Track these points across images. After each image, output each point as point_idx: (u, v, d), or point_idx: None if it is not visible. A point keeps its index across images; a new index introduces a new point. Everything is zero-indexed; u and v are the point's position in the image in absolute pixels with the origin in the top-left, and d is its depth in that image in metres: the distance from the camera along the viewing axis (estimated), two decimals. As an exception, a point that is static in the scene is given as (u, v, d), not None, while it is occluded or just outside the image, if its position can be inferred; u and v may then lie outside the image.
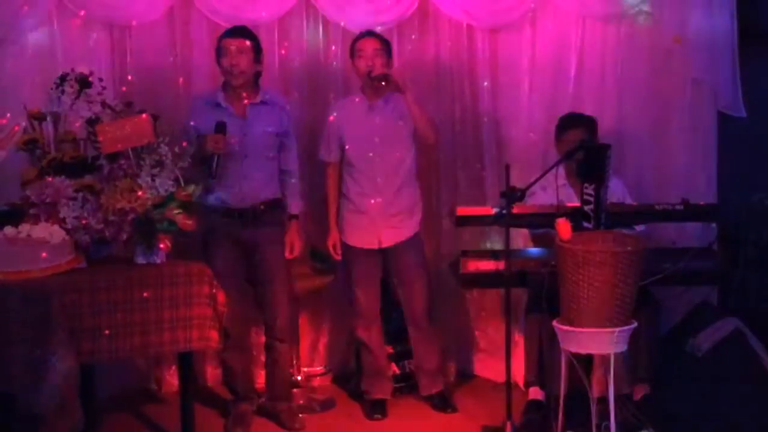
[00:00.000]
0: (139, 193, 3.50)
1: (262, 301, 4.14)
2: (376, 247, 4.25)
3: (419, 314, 4.32)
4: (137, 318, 3.46)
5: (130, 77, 4.39)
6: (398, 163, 4.24)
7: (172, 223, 3.58)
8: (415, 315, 4.33)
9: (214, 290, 3.63)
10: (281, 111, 4.13)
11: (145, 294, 3.47)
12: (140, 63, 4.47)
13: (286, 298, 4.16)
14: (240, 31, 4.02)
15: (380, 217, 4.22)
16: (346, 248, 4.29)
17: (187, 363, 3.77)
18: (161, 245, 3.57)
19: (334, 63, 4.61)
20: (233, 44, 3.96)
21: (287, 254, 4.14)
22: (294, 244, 4.15)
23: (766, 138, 4.73)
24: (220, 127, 3.88)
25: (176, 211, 3.55)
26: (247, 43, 3.98)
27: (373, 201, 4.21)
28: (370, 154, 4.21)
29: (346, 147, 4.24)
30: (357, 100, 4.27)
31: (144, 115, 3.67)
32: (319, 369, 4.75)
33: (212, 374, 4.67)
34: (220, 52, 4.02)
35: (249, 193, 4.02)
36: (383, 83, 4.10)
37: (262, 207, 4.04)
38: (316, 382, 4.70)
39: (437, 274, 4.71)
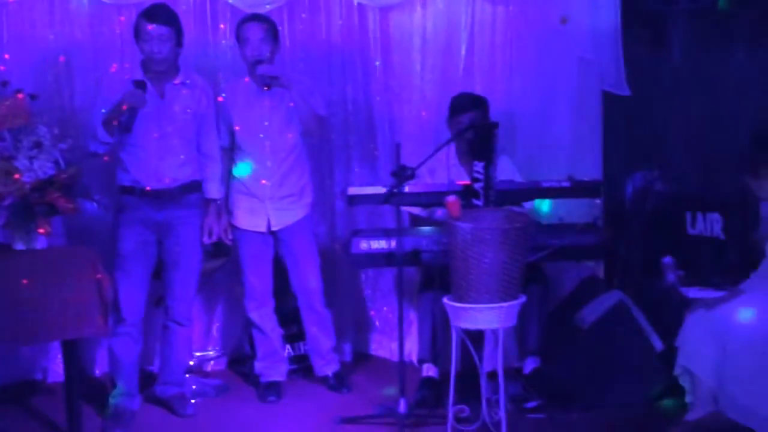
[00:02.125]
0: (16, 176, 3.37)
1: (167, 282, 4.06)
2: (265, 229, 4.21)
3: (311, 296, 4.30)
4: (18, 306, 3.34)
5: (6, 56, 4.19)
6: (288, 145, 4.19)
7: (52, 207, 3.46)
8: (307, 297, 4.31)
9: (99, 276, 3.54)
10: (201, 93, 4.03)
11: (24, 281, 3.35)
12: (17, 40, 4.28)
13: (193, 283, 4.10)
14: (162, 17, 3.86)
15: (270, 199, 4.18)
16: (236, 231, 4.23)
17: (72, 352, 3.66)
18: (41, 230, 3.44)
19: (223, 42, 4.53)
20: (155, 32, 3.83)
21: (205, 238, 4.08)
22: (212, 228, 4.10)
23: (649, 116, 4.87)
24: (139, 84, 3.78)
25: (56, 195, 3.43)
26: (171, 30, 3.85)
27: (262, 183, 4.16)
28: (261, 136, 4.15)
29: (236, 128, 4.17)
30: (246, 80, 4.20)
31: (20, 95, 3.52)
32: (212, 353, 4.68)
33: (100, 363, 4.54)
34: (140, 34, 3.87)
35: (165, 173, 3.92)
36: (266, 87, 4.07)
37: (178, 189, 3.96)
38: (210, 366, 4.64)
39: (332, 255, 4.71)
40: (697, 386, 3.56)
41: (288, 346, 4.50)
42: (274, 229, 4.22)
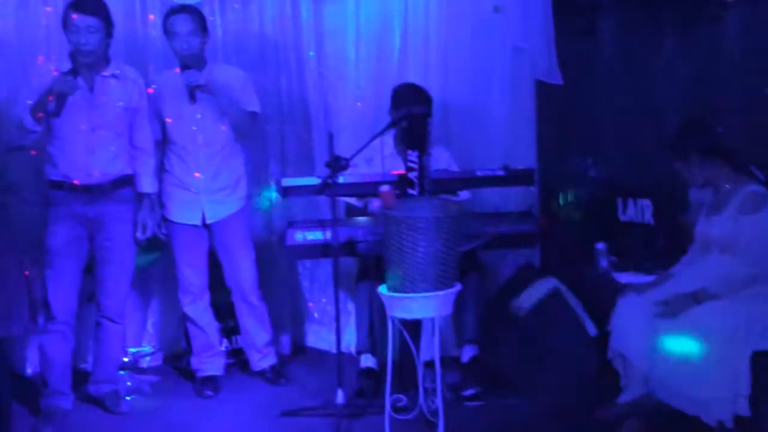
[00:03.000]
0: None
1: (98, 279, 3.97)
2: (199, 222, 4.16)
3: (246, 289, 4.27)
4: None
5: None
6: (222, 138, 4.14)
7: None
8: (241, 290, 4.27)
9: (27, 273, 3.45)
10: (133, 86, 3.94)
11: (-52, 279, 3.26)
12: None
13: (126, 280, 4.02)
14: (90, 7, 3.73)
15: (204, 192, 4.13)
16: (170, 224, 4.17)
17: (1, 350, 3.59)
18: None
19: (153, 32, 4.45)
20: (82, 23, 3.71)
21: (139, 234, 4.00)
22: (146, 223, 4.02)
23: (581, 104, 4.93)
24: (72, 71, 3.67)
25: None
26: (99, 21, 3.74)
27: (196, 176, 4.12)
28: (193, 129, 4.09)
29: (167, 121, 4.11)
30: (177, 72, 4.13)
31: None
32: (148, 349, 4.61)
33: (32, 362, 4.42)
34: (67, 24, 3.75)
35: (94, 167, 3.83)
36: (193, 100, 4.02)
37: (109, 183, 3.86)
38: (146, 362, 4.56)
39: (269, 247, 4.67)
40: (628, 369, 3.62)
41: (225, 340, 4.46)
42: (208, 222, 4.17)
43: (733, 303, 3.44)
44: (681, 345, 3.42)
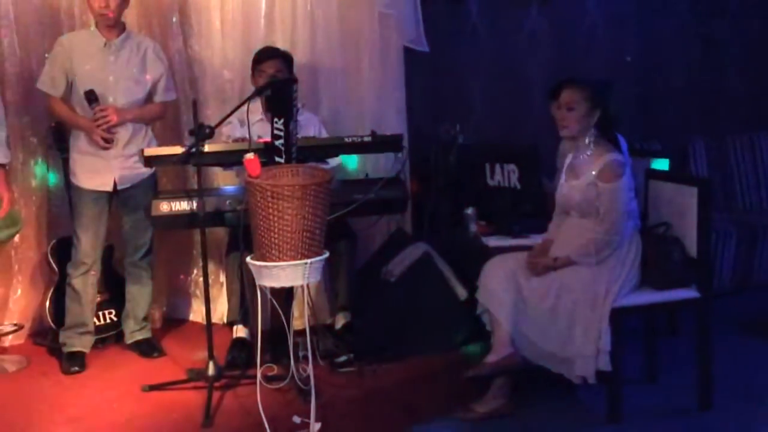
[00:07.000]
0: None
1: None
2: (111, 189, 4.07)
3: (144, 257, 4.23)
4: None
5: None
6: (134, 104, 4.06)
7: None
8: (140, 258, 4.23)
9: None
10: None
11: None
12: None
13: None
14: None
15: (116, 159, 4.04)
16: (78, 191, 4.06)
17: None
18: None
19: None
20: None
21: None
22: (2, 196, 3.84)
23: (450, 71, 4.99)
24: None
25: None
26: None
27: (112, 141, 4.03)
28: (105, 93, 3.98)
29: (77, 82, 3.99)
30: (91, 30, 4.04)
31: None
32: (10, 327, 4.42)
33: None
34: None
35: None
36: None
37: None
38: (8, 341, 4.38)
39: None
40: (495, 328, 3.70)
41: (96, 315, 4.32)
42: (120, 188, 4.07)
43: (598, 269, 3.56)
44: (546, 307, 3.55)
